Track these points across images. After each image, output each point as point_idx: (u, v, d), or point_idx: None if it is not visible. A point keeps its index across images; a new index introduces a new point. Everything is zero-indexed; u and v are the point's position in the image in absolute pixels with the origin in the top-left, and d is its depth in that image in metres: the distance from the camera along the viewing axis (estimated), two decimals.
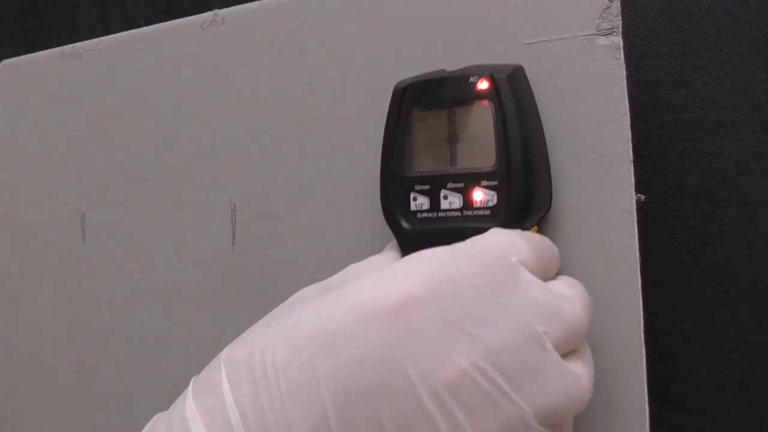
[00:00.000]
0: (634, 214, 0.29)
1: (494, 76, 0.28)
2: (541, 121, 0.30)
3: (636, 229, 0.29)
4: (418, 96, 0.30)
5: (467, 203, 0.29)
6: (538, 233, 0.29)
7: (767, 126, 0.34)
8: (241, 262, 0.39)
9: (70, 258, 0.45)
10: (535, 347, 0.24)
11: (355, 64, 0.35)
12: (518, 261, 0.25)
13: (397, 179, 0.30)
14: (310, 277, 0.30)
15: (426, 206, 0.30)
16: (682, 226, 0.36)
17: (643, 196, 0.30)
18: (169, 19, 0.42)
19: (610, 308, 0.29)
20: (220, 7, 0.39)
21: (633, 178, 0.29)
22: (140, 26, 0.43)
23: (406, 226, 0.30)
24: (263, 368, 0.25)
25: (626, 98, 0.29)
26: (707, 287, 0.36)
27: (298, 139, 0.37)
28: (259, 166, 0.38)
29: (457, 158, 0.30)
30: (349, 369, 0.24)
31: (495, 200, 0.28)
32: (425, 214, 0.30)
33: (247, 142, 0.39)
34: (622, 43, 0.29)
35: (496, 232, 0.27)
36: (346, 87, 0.36)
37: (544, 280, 0.26)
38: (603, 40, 0.30)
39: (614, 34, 0.29)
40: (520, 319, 0.24)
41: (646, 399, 0.29)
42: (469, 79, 0.29)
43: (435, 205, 0.30)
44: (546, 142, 0.30)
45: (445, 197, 0.29)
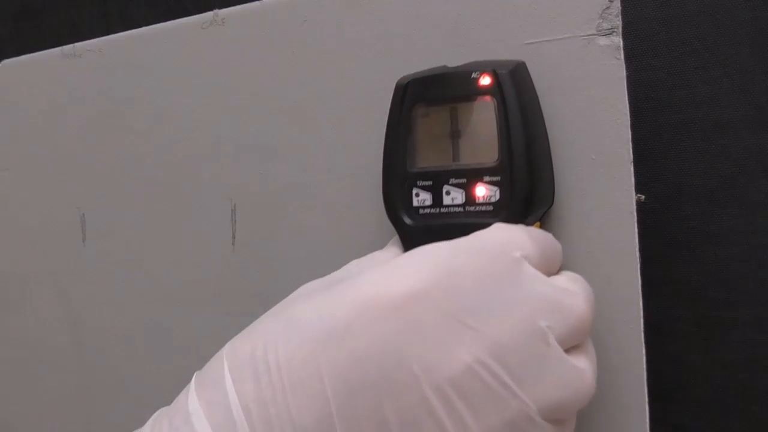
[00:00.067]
0: (634, 214, 0.29)
1: (497, 71, 0.28)
2: (544, 117, 0.30)
3: (636, 229, 0.29)
4: (420, 92, 0.30)
5: (470, 199, 0.29)
6: (541, 229, 0.29)
7: (767, 126, 0.34)
8: (241, 262, 0.39)
9: (70, 258, 0.45)
10: (538, 342, 0.24)
11: (355, 65, 0.35)
12: (521, 256, 0.25)
13: (400, 175, 0.30)
14: (310, 277, 0.30)
15: (428, 202, 0.30)
16: (682, 226, 0.36)
17: (643, 196, 0.30)
18: (169, 19, 0.41)
19: (610, 308, 0.29)
20: (220, 7, 0.39)
21: (633, 178, 0.29)
22: (140, 26, 0.42)
23: (408, 222, 0.30)
24: (266, 363, 0.24)
25: (626, 98, 0.29)
26: (707, 287, 0.36)
27: (298, 139, 0.37)
28: (259, 166, 0.38)
29: (460, 154, 0.29)
30: (353, 363, 0.24)
31: (497, 196, 0.28)
32: (427, 210, 0.30)
33: (247, 142, 0.39)
34: (622, 43, 0.29)
35: (499, 227, 0.26)
36: (346, 87, 0.36)
37: (547, 275, 0.26)
38: (603, 40, 0.30)
39: (614, 34, 0.29)
40: (524, 314, 0.24)
41: (646, 399, 0.29)
42: (471, 74, 0.29)
43: (437, 200, 0.29)
44: (548, 137, 0.30)
45: (448, 193, 0.29)
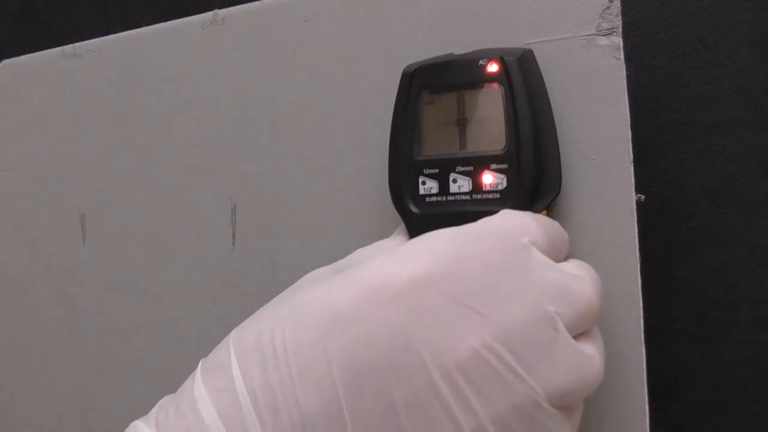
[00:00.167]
0: (634, 214, 0.29)
1: (504, 58, 0.28)
2: (551, 105, 0.30)
3: (636, 229, 0.29)
4: (427, 79, 0.30)
5: (477, 187, 0.29)
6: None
7: (767, 126, 0.34)
8: (241, 262, 0.39)
9: (70, 258, 0.45)
10: (546, 327, 0.24)
11: (355, 64, 0.35)
12: (529, 241, 0.25)
13: (406, 163, 0.30)
14: None
15: (435, 190, 0.29)
16: (682, 226, 0.36)
17: (643, 196, 0.30)
18: (169, 19, 0.41)
19: (610, 308, 0.29)
20: (220, 7, 0.39)
21: (633, 178, 0.29)
22: (140, 26, 0.42)
23: (414, 210, 0.30)
24: (273, 348, 0.24)
25: (626, 98, 0.29)
26: (707, 287, 0.36)
27: (299, 139, 0.37)
28: (259, 166, 0.38)
29: (467, 141, 0.29)
30: (360, 348, 0.23)
31: (505, 183, 0.28)
32: (434, 198, 0.29)
33: (247, 142, 0.39)
34: (622, 43, 0.29)
35: (506, 213, 0.26)
36: (346, 87, 0.36)
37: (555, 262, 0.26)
38: (603, 40, 0.30)
39: (614, 34, 0.29)
40: (532, 299, 0.24)
41: (646, 399, 0.29)
42: (478, 62, 0.29)
43: (444, 188, 0.29)
44: (556, 125, 0.30)
45: (455, 181, 0.29)
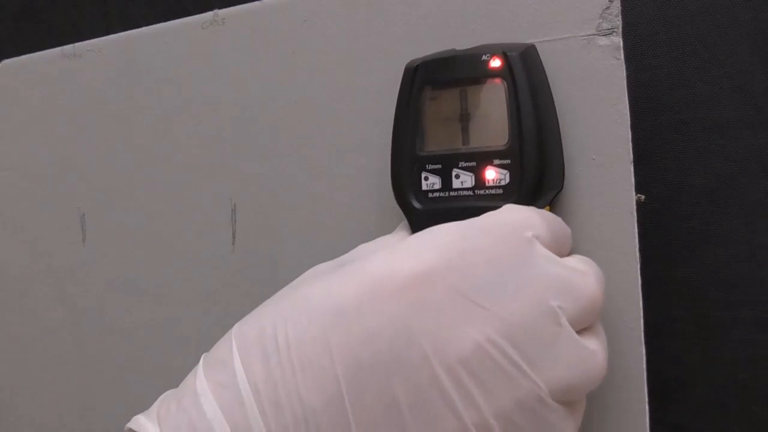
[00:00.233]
0: (634, 214, 0.29)
1: (507, 54, 0.28)
2: (554, 100, 0.30)
3: (636, 229, 0.29)
4: (429, 74, 0.30)
5: (479, 182, 0.29)
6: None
7: (767, 126, 0.34)
8: (241, 262, 0.39)
9: (70, 258, 0.45)
10: (549, 322, 0.24)
11: (355, 64, 0.35)
12: (533, 236, 0.25)
13: (408, 159, 0.30)
14: None
15: (437, 186, 0.29)
16: (682, 226, 0.36)
17: (643, 196, 0.30)
18: (169, 19, 0.41)
19: (610, 308, 0.29)
20: (220, 7, 0.39)
21: (633, 178, 0.29)
22: (140, 26, 0.42)
23: (417, 206, 0.30)
24: (275, 343, 0.24)
25: (626, 98, 0.29)
26: (707, 287, 0.36)
27: (299, 139, 0.37)
28: (259, 166, 0.38)
29: (469, 137, 0.29)
30: (363, 343, 0.23)
31: (507, 179, 0.28)
32: (437, 194, 0.29)
33: (247, 142, 0.39)
34: (622, 43, 0.29)
35: (510, 207, 0.26)
36: (346, 87, 0.36)
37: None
38: (603, 40, 0.30)
39: (614, 34, 0.29)
40: (535, 294, 0.24)
41: (646, 399, 0.29)
42: (481, 57, 0.29)
43: (447, 184, 0.29)
44: (558, 121, 0.30)
45: (457, 176, 0.29)
